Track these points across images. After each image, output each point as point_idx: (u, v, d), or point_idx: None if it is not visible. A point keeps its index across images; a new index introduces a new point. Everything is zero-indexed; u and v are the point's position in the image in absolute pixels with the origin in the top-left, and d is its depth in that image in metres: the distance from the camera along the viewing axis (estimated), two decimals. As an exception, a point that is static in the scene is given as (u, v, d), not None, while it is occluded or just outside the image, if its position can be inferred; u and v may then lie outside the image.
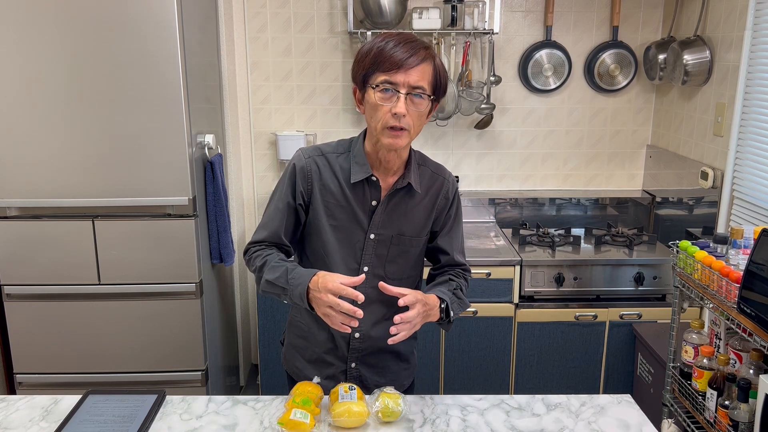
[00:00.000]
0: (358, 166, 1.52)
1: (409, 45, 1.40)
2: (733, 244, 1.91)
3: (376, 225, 1.55)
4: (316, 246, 1.58)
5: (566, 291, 2.82)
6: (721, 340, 1.93)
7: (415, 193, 1.56)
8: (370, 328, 1.60)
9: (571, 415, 1.52)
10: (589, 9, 3.17)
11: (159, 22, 2.27)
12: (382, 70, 1.39)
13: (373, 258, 1.56)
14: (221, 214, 2.65)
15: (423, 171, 1.59)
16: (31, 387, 2.56)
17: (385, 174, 1.54)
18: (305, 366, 1.66)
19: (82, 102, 2.33)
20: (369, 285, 1.55)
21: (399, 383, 1.69)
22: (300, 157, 1.55)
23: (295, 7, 3.13)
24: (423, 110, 1.44)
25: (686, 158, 2.93)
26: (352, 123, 3.28)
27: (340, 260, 1.55)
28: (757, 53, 2.44)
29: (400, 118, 1.40)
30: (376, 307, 1.58)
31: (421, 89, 1.40)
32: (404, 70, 1.38)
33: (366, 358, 1.64)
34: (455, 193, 1.64)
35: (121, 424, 1.43)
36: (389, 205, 1.55)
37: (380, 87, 1.40)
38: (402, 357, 1.70)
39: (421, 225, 1.59)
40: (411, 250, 1.60)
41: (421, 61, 1.40)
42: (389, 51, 1.39)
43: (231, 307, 3.13)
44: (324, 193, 1.54)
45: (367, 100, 1.44)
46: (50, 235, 2.43)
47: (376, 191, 1.54)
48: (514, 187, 3.38)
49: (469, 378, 2.89)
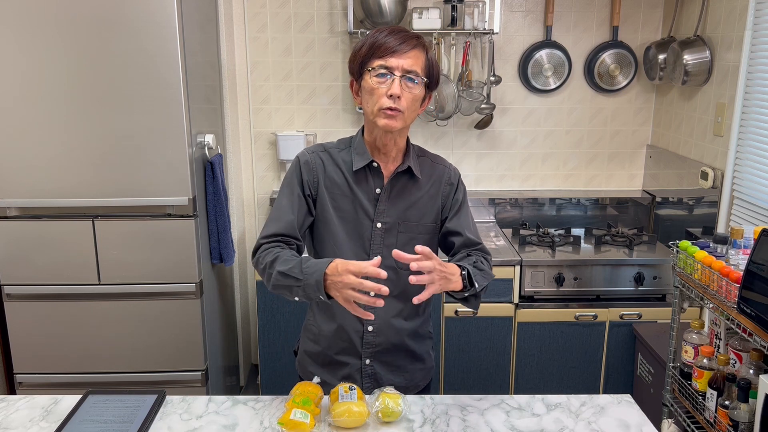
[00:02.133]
0: (358, 155, 1.57)
1: (401, 34, 1.48)
2: (733, 244, 1.91)
3: (382, 213, 1.57)
4: (325, 239, 1.59)
5: (566, 291, 2.82)
6: (721, 340, 1.93)
7: (417, 180, 1.59)
8: (383, 322, 1.60)
9: (571, 415, 1.52)
10: (589, 9, 3.17)
11: (159, 22, 2.27)
12: (377, 56, 1.47)
13: (381, 248, 1.57)
14: (221, 214, 2.65)
15: (423, 161, 1.64)
16: (31, 387, 2.56)
17: (385, 162, 1.58)
18: (320, 371, 1.65)
19: (82, 102, 2.33)
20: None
21: (414, 384, 1.70)
22: (304, 154, 1.61)
23: (295, 7, 3.13)
24: (417, 94, 1.49)
25: (686, 158, 2.93)
26: (352, 123, 3.27)
27: (349, 251, 1.57)
28: (757, 53, 2.44)
29: (395, 100, 1.46)
30: (388, 301, 1.57)
31: (414, 73, 1.47)
32: (398, 55, 1.46)
33: (380, 355, 1.64)
34: (458, 179, 1.66)
35: (121, 424, 1.43)
36: (393, 192, 1.58)
37: (376, 71, 1.47)
38: (417, 356, 1.69)
39: (426, 211, 1.61)
40: (419, 237, 1.60)
41: (413, 47, 1.48)
42: (383, 39, 1.47)
43: (231, 307, 3.13)
44: (329, 185, 1.57)
45: (364, 86, 1.51)
46: (50, 235, 2.43)
47: (378, 179, 1.58)
48: (514, 187, 3.38)
49: (469, 378, 2.89)
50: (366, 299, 1.33)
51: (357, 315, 1.39)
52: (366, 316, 1.39)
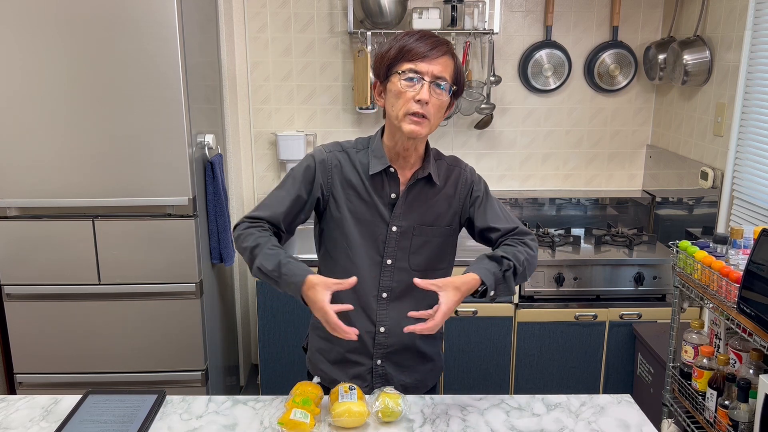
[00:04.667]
0: (376, 159, 1.55)
1: (432, 39, 1.46)
2: (733, 244, 1.91)
3: (398, 217, 1.56)
4: (338, 239, 1.58)
5: (566, 291, 2.82)
6: (721, 340, 1.93)
7: (434, 184, 1.58)
8: (395, 323, 1.59)
9: (571, 415, 1.52)
10: (589, 9, 3.18)
11: (159, 22, 2.27)
12: (407, 59, 1.45)
13: (396, 250, 1.57)
14: (221, 214, 2.65)
15: (440, 164, 1.62)
16: (31, 387, 2.56)
17: (402, 168, 1.57)
18: (330, 369, 1.65)
19: (82, 102, 2.33)
20: (394, 279, 1.57)
21: (424, 384, 1.70)
22: (321, 151, 1.58)
23: (295, 7, 3.13)
24: (444, 101, 1.48)
25: (686, 158, 2.93)
26: (352, 123, 3.28)
27: (363, 253, 1.56)
28: (757, 53, 2.44)
29: (423, 105, 1.44)
30: (401, 302, 1.58)
31: (443, 79, 1.45)
32: (428, 60, 1.44)
33: (391, 356, 1.63)
34: (475, 176, 1.64)
35: (121, 424, 1.43)
36: (409, 197, 1.57)
37: (405, 75, 1.44)
38: (427, 357, 1.69)
39: (442, 214, 1.60)
40: (434, 240, 1.59)
41: (443, 53, 1.46)
42: (413, 43, 1.45)
43: (231, 307, 3.13)
44: (345, 186, 1.56)
45: (390, 88, 1.48)
46: (50, 235, 2.43)
47: (395, 184, 1.56)
48: (514, 187, 3.38)
49: (469, 378, 2.89)
50: (338, 325, 1.37)
51: (337, 334, 1.38)
52: (347, 336, 1.37)
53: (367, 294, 1.57)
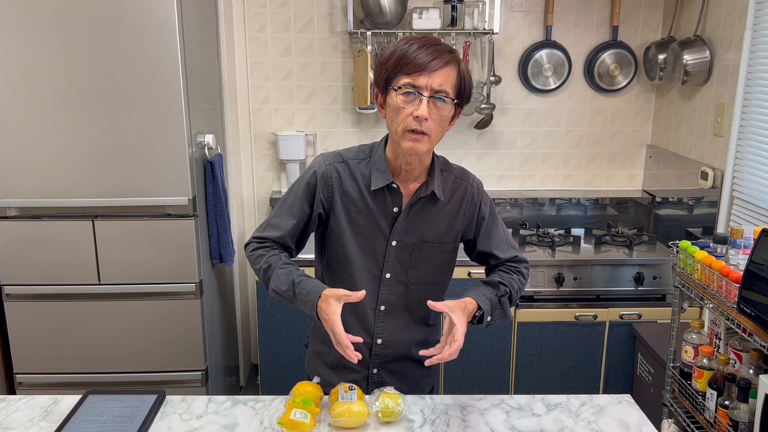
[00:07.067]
0: (378, 173, 1.50)
1: (433, 48, 1.38)
2: (733, 244, 1.91)
3: (398, 232, 1.53)
4: (338, 252, 1.55)
5: (566, 291, 2.82)
6: (721, 340, 1.93)
7: (438, 200, 1.54)
8: (392, 334, 1.59)
9: (571, 415, 1.52)
10: (589, 9, 3.17)
11: (159, 22, 2.27)
12: (405, 73, 1.37)
13: (395, 264, 1.55)
14: (221, 214, 2.65)
15: (446, 177, 1.56)
16: (31, 387, 2.56)
17: (406, 181, 1.52)
18: (327, 372, 1.65)
19: (82, 102, 2.32)
20: (392, 292, 1.56)
21: (420, 389, 1.69)
22: (321, 164, 1.53)
23: (295, 7, 3.13)
24: (446, 115, 1.41)
25: (686, 158, 2.93)
26: (352, 123, 3.28)
27: (362, 267, 1.54)
28: (757, 53, 2.44)
29: (421, 122, 1.37)
30: (398, 314, 1.58)
31: (444, 93, 1.38)
32: (427, 72, 1.36)
33: (388, 365, 1.63)
34: (481, 196, 1.60)
35: (121, 424, 1.43)
36: (411, 212, 1.53)
37: (402, 90, 1.37)
38: (423, 364, 1.69)
39: (444, 231, 1.56)
40: (434, 255, 1.57)
41: (444, 64, 1.38)
42: (413, 54, 1.37)
43: (231, 307, 3.13)
44: (345, 199, 1.52)
45: (389, 103, 1.42)
46: (50, 235, 2.43)
47: (397, 198, 1.52)
48: (514, 187, 3.38)
49: (469, 378, 2.89)
50: (347, 345, 1.36)
51: (340, 350, 1.38)
52: (348, 357, 1.36)
53: (365, 306, 1.56)
